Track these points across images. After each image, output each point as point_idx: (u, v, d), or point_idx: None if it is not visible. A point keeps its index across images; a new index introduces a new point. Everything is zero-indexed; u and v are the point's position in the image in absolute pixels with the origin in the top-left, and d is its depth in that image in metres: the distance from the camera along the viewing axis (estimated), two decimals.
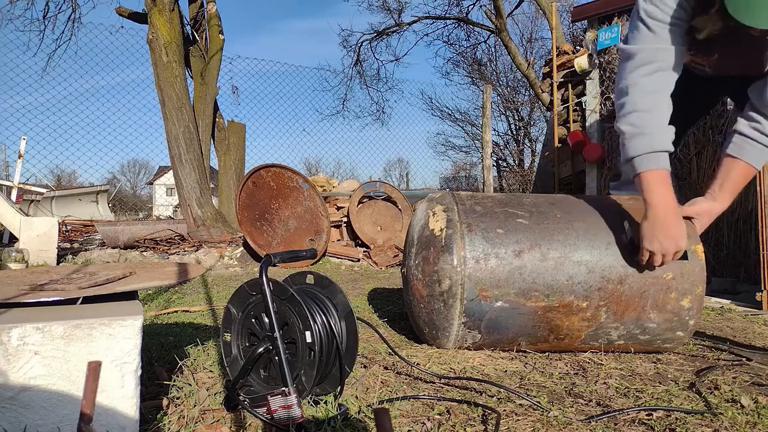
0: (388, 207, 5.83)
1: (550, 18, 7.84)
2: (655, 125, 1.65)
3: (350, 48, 14.00)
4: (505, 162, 18.81)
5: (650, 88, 1.67)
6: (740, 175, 1.78)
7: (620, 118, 1.71)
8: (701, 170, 4.08)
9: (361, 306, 2.74)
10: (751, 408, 1.32)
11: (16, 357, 0.95)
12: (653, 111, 1.66)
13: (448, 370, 1.64)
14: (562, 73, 5.23)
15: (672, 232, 1.61)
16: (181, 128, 6.05)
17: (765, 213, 2.84)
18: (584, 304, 1.72)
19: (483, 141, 5.90)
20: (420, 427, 1.20)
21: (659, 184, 1.64)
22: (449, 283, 1.72)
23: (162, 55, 6.02)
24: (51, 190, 9.93)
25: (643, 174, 1.64)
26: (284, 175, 5.10)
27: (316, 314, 1.28)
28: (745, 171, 1.78)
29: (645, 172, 1.64)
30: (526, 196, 1.96)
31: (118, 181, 29.20)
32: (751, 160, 1.76)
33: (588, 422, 1.23)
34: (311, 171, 22.12)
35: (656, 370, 1.68)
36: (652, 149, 1.63)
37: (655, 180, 1.64)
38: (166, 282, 1.29)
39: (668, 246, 1.61)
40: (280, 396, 1.14)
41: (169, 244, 5.59)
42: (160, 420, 1.19)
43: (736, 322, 2.47)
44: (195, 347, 1.75)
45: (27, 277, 1.39)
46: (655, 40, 1.66)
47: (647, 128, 1.65)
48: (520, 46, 16.09)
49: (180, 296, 3.09)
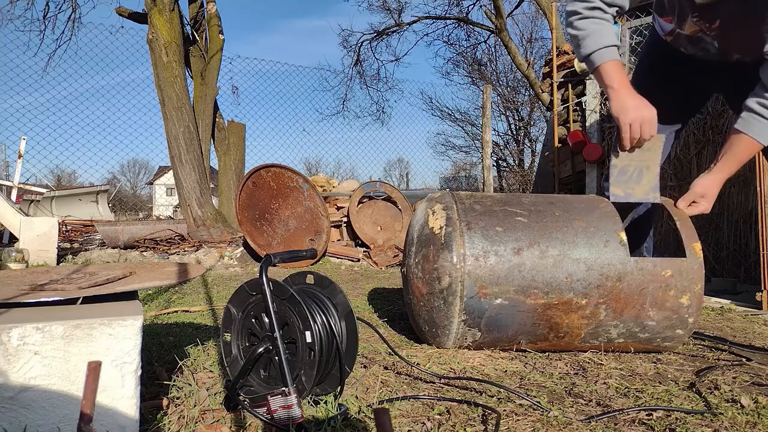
0: (388, 207, 5.83)
1: (550, 18, 7.83)
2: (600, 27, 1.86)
3: (350, 48, 14.02)
4: (505, 162, 18.81)
5: None
6: (744, 149, 1.84)
7: (570, 25, 1.92)
8: (701, 170, 4.08)
9: (361, 306, 2.74)
10: (751, 408, 1.32)
11: (16, 357, 0.95)
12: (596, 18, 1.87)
13: (448, 370, 1.65)
14: (562, 73, 5.23)
15: (636, 101, 1.84)
16: (181, 128, 6.05)
17: (765, 213, 2.84)
18: (583, 301, 1.72)
19: (483, 141, 5.90)
20: (420, 427, 1.20)
21: (616, 71, 1.86)
22: (449, 281, 1.72)
23: (162, 55, 6.02)
24: (51, 190, 9.93)
25: (601, 66, 1.87)
26: (284, 175, 5.10)
27: (316, 314, 1.29)
28: (750, 145, 1.82)
29: (603, 65, 1.87)
30: (526, 196, 1.96)
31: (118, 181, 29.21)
32: (757, 135, 1.79)
33: (588, 422, 1.23)
34: (311, 171, 22.15)
35: (656, 370, 1.68)
36: (604, 44, 1.85)
37: (612, 69, 1.86)
38: (166, 282, 1.29)
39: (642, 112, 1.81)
40: (280, 396, 1.14)
41: (169, 244, 5.59)
42: (160, 420, 1.19)
43: (736, 322, 2.47)
44: (195, 347, 1.75)
45: (27, 277, 1.39)
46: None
47: (594, 30, 1.87)
48: (520, 46, 16.09)
49: (180, 296, 3.09)
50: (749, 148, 1.82)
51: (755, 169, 2.93)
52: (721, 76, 2.08)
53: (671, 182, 4.27)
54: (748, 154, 1.84)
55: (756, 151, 1.84)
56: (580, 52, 1.93)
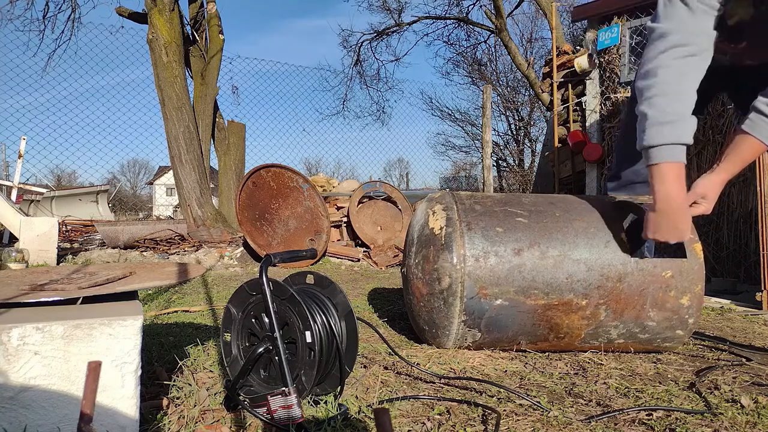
0: (388, 207, 5.82)
1: (550, 18, 7.83)
2: (682, 114, 1.56)
3: (350, 48, 14.01)
4: (505, 162, 18.81)
5: (682, 72, 1.58)
6: (748, 150, 1.77)
7: (645, 101, 1.61)
8: (701, 170, 4.08)
9: (361, 306, 2.74)
10: (751, 408, 1.32)
11: (16, 357, 0.95)
12: (682, 98, 1.57)
13: (448, 370, 1.64)
14: (562, 73, 5.23)
15: (680, 226, 1.60)
16: (181, 128, 6.05)
17: (765, 213, 2.84)
18: (584, 302, 1.72)
19: (483, 141, 5.90)
20: (420, 427, 1.20)
21: (675, 177, 1.57)
22: (449, 281, 1.72)
23: (162, 55, 6.02)
24: (51, 190, 9.93)
25: (660, 165, 1.57)
26: (284, 175, 5.10)
27: (316, 314, 1.29)
28: (756, 147, 1.76)
29: (662, 164, 1.57)
30: (526, 196, 1.96)
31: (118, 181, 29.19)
32: (765, 137, 1.74)
33: (588, 422, 1.23)
34: (311, 171, 22.14)
35: (656, 370, 1.68)
36: (675, 141, 1.55)
37: (671, 173, 1.57)
38: (166, 282, 1.29)
39: (671, 238, 1.62)
40: (280, 396, 1.14)
41: (169, 244, 5.59)
42: (160, 420, 1.19)
43: (736, 322, 2.47)
44: (195, 347, 1.75)
45: (27, 277, 1.39)
46: (692, 20, 1.56)
47: (673, 116, 1.56)
48: (520, 46, 16.08)
49: (180, 296, 3.09)
50: (755, 150, 1.78)
51: (755, 169, 2.93)
52: (725, 77, 2.07)
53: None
54: (753, 155, 1.80)
55: (761, 152, 1.80)
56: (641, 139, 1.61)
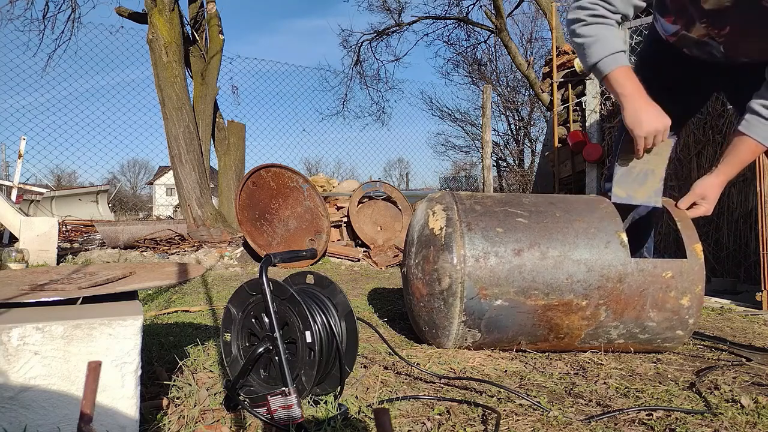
0: (388, 207, 5.83)
1: (550, 18, 7.84)
2: (604, 35, 1.78)
3: (350, 48, 14.03)
4: (505, 162, 18.81)
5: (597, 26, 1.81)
6: (746, 151, 1.82)
7: (573, 33, 1.84)
8: (701, 170, 4.08)
9: (361, 306, 2.74)
10: (751, 408, 1.32)
11: (16, 357, 0.95)
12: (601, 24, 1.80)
13: (448, 370, 1.64)
14: (562, 73, 5.23)
15: (652, 111, 1.77)
16: (181, 128, 6.05)
17: (765, 213, 2.84)
18: (584, 302, 1.72)
19: (483, 141, 5.90)
20: (420, 427, 1.20)
21: (627, 78, 1.78)
22: (449, 282, 1.72)
23: (162, 55, 6.02)
24: (51, 190, 9.93)
25: (610, 74, 1.78)
26: (284, 175, 5.10)
27: (316, 314, 1.28)
28: (753, 147, 1.81)
29: (612, 72, 1.77)
30: (526, 196, 1.96)
31: (118, 181, 29.19)
32: (761, 138, 1.78)
33: (588, 422, 1.23)
34: (311, 171, 22.14)
35: (656, 370, 1.68)
36: (611, 51, 1.77)
37: (622, 76, 1.78)
38: (166, 282, 1.29)
39: (657, 124, 1.76)
40: (280, 396, 1.14)
41: (169, 244, 5.59)
42: (160, 420, 1.19)
43: (736, 322, 2.47)
44: (195, 347, 1.75)
45: (27, 277, 1.39)
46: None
47: (600, 35, 1.78)
48: (520, 46, 16.09)
49: (180, 296, 3.09)
50: (752, 150, 1.81)
51: (755, 169, 2.93)
52: (723, 76, 2.07)
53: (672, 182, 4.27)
54: (751, 155, 1.82)
55: (759, 153, 1.83)
56: (587, 61, 1.84)
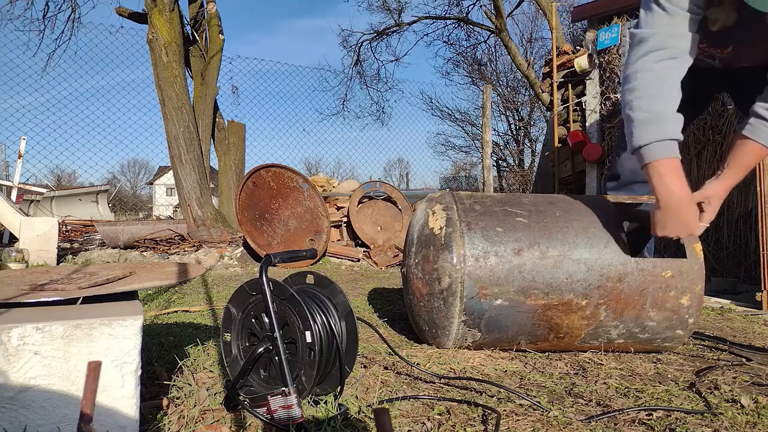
0: (388, 207, 5.82)
1: (550, 18, 7.84)
2: (665, 112, 1.60)
3: (350, 48, 14.01)
4: (505, 162, 18.81)
5: (662, 75, 1.62)
6: (750, 155, 1.76)
7: (627, 104, 1.65)
8: (701, 170, 4.08)
9: (361, 306, 2.74)
10: (751, 408, 1.32)
11: (16, 357, 0.95)
12: (664, 98, 1.61)
13: (448, 370, 1.64)
14: (562, 73, 5.23)
15: (686, 220, 1.62)
16: (181, 128, 6.05)
17: (765, 213, 2.84)
18: (584, 302, 1.72)
19: (483, 141, 5.90)
20: (420, 427, 1.20)
21: (671, 172, 1.60)
22: (449, 281, 1.72)
23: (162, 55, 6.02)
24: (51, 190, 9.92)
25: (654, 163, 1.60)
26: (284, 175, 5.10)
27: (316, 314, 1.29)
28: (757, 151, 1.76)
29: (656, 162, 1.59)
30: (526, 196, 1.96)
31: (118, 181, 29.17)
32: (765, 141, 1.73)
33: (588, 422, 1.23)
34: (311, 171, 22.13)
35: (656, 370, 1.68)
36: (664, 137, 1.58)
37: (667, 168, 1.60)
38: (166, 282, 1.29)
39: (681, 233, 1.64)
40: (280, 396, 1.14)
41: (169, 244, 5.59)
42: (160, 420, 1.19)
43: (736, 322, 2.47)
44: (195, 347, 1.75)
45: (27, 277, 1.39)
46: (670, 25, 1.59)
47: (657, 115, 1.60)
48: (520, 46, 16.07)
49: (180, 296, 3.09)
50: (757, 154, 1.77)
51: (755, 169, 2.93)
52: (723, 79, 2.07)
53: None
54: (756, 159, 1.78)
55: (763, 156, 1.78)
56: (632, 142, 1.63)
